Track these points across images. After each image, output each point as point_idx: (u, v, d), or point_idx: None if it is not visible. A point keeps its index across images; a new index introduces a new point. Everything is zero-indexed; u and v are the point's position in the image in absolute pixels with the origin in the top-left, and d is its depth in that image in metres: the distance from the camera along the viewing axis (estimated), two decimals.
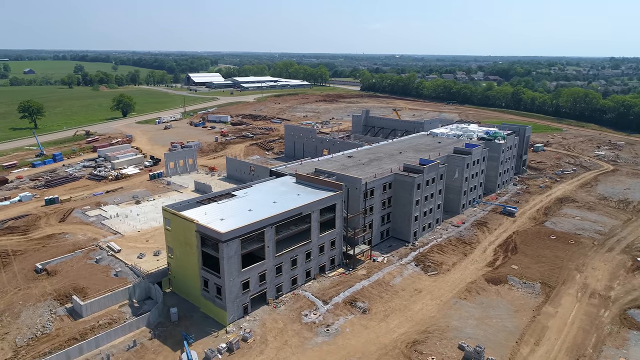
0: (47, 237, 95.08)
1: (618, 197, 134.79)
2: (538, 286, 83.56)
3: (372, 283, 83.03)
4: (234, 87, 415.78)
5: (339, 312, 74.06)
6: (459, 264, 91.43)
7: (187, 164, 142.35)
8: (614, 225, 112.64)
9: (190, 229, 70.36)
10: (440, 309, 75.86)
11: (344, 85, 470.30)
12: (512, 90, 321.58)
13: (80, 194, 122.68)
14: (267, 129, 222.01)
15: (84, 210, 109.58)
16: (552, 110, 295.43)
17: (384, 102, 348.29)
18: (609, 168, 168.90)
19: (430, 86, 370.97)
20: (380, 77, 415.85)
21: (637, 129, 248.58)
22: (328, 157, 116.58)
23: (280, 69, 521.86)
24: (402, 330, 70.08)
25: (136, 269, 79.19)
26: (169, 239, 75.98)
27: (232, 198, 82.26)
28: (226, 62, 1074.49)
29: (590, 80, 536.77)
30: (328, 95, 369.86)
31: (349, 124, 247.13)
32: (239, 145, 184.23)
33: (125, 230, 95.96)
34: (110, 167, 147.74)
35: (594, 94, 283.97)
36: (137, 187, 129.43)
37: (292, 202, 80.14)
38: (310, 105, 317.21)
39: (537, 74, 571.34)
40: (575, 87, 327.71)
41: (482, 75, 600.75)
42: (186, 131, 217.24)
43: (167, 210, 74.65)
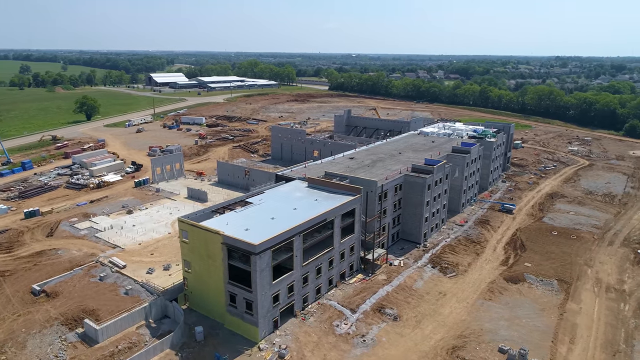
0: (37, 254, 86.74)
1: (602, 191, 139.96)
2: (555, 283, 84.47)
3: (395, 288, 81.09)
4: (201, 88, 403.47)
5: (370, 321, 71.57)
6: (474, 264, 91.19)
7: (174, 169, 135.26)
8: (607, 219, 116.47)
9: (214, 241, 65.64)
10: (469, 311, 74.95)
11: (312, 84, 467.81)
12: (479, 89, 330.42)
13: (62, 205, 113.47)
14: (245, 130, 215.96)
15: (72, 222, 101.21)
16: (518, 108, 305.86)
17: (355, 101, 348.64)
18: (585, 163, 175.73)
19: (400, 85, 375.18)
20: (348, 76, 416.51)
21: (599, 125, 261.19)
22: (330, 159, 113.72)
23: (245, 68, 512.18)
24: (438, 336, 68.51)
25: (148, 286, 73.34)
26: (185, 252, 70.74)
27: (248, 206, 77.86)
28: (182, 61, 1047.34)
29: (544, 78, 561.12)
30: (298, 95, 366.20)
31: (327, 123, 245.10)
32: (221, 148, 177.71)
33: (125, 244, 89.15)
34: (89, 175, 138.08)
35: (558, 91, 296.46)
36: (123, 196, 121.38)
37: (313, 208, 76.84)
38: (282, 106, 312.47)
39: (494, 72, 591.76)
40: (540, 85, 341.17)
41: (443, 74, 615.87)
42: (160, 134, 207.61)
43: (184, 222, 69.43)
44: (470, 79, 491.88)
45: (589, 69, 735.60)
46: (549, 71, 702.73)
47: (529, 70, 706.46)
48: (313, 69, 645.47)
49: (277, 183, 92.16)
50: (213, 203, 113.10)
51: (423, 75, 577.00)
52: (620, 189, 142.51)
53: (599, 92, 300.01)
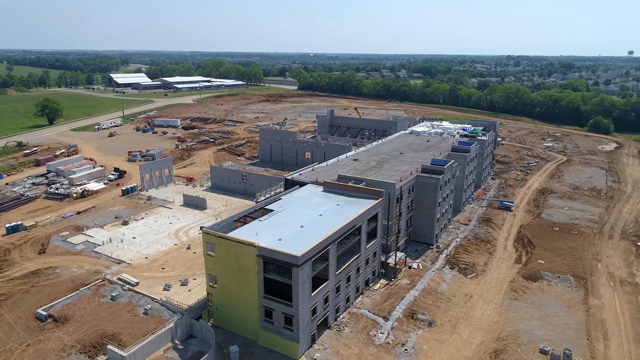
0: (32, 274, 78.86)
1: (587, 185, 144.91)
2: (572, 279, 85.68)
3: (421, 292, 79.56)
4: (166, 89, 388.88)
5: (405, 328, 69.59)
6: (490, 264, 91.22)
7: (163, 175, 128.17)
8: (600, 213, 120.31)
9: (247, 253, 61.48)
10: (500, 312, 74.47)
11: (280, 84, 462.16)
12: (449, 87, 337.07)
13: (45, 217, 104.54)
14: (224, 132, 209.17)
15: (64, 237, 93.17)
16: (487, 106, 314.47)
17: (327, 100, 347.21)
18: (563, 158, 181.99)
19: (370, 84, 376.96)
20: (318, 75, 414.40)
21: (565, 121, 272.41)
22: (334, 160, 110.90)
23: (209, 68, 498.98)
24: (477, 340, 67.43)
25: (169, 304, 68.02)
26: (211, 266, 66.02)
27: (271, 214, 73.89)
28: (135, 61, 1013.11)
29: (502, 76, 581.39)
30: (269, 95, 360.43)
31: (305, 124, 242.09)
32: (204, 152, 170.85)
33: (131, 258, 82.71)
34: (68, 184, 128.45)
35: (525, 89, 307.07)
36: (112, 205, 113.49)
37: (339, 213, 74.04)
38: (255, 106, 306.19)
39: (455, 71, 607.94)
40: (507, 84, 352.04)
41: (407, 73, 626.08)
42: (135, 138, 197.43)
43: (210, 234, 64.74)
44: (434, 78, 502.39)
45: (541, 67, 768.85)
46: (505, 70, 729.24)
47: (486, 69, 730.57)
48: (277, 69, 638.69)
49: (292, 188, 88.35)
50: (213, 210, 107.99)
51: (387, 74, 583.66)
52: (603, 183, 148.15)
53: (562, 89, 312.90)
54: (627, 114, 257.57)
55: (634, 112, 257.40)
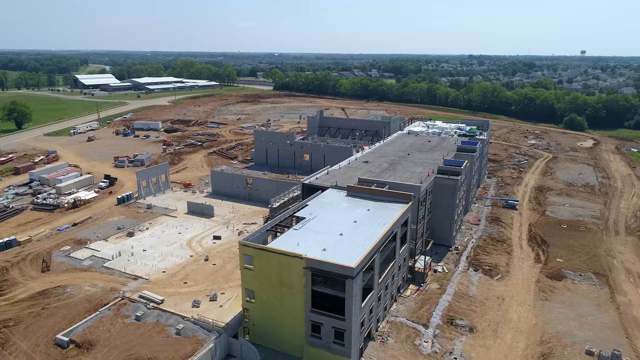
0: (40, 295, 72.13)
1: (579, 182, 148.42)
2: (593, 277, 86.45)
3: (453, 297, 78.10)
4: (138, 90, 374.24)
5: (448, 335, 67.83)
6: (512, 264, 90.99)
7: (160, 182, 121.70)
8: (600, 209, 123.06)
9: (292, 265, 57.94)
10: (535, 314, 73.93)
11: (254, 85, 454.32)
12: (426, 87, 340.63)
13: (39, 231, 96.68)
14: (210, 134, 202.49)
15: (66, 252, 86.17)
16: (464, 105, 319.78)
17: (306, 101, 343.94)
18: (550, 156, 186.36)
19: (347, 84, 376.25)
20: (294, 75, 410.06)
21: (540, 119, 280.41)
22: (345, 163, 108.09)
23: (180, 68, 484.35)
24: (521, 344, 66.45)
25: (202, 322, 63.44)
26: (249, 280, 62.02)
27: (303, 222, 70.39)
28: (94, 61, 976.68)
29: (469, 75, 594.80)
30: (246, 95, 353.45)
31: (290, 125, 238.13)
32: (195, 156, 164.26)
33: (148, 273, 77.12)
34: (56, 193, 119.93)
35: (501, 88, 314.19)
36: (110, 216, 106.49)
37: (373, 219, 71.51)
38: (234, 107, 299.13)
39: (425, 71, 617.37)
40: (484, 83, 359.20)
41: (378, 72, 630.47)
42: (116, 142, 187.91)
43: (249, 246, 60.73)
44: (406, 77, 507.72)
45: (505, 66, 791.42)
46: (471, 69, 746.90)
47: (452, 68, 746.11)
48: (248, 69, 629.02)
49: (315, 193, 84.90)
50: (221, 218, 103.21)
51: (359, 74, 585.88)
52: (594, 179, 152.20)
53: (535, 88, 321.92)
54: (598, 111, 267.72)
55: (605, 110, 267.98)
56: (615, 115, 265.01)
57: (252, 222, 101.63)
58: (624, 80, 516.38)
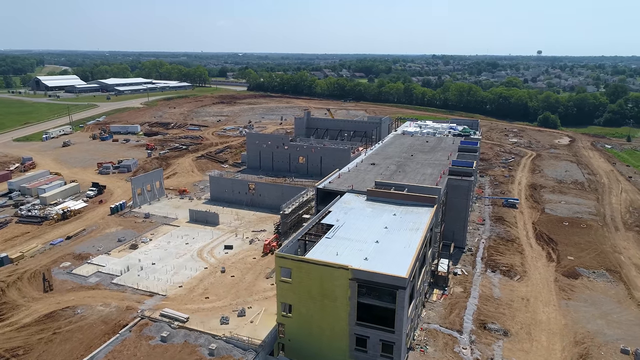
0: (48, 318, 66.01)
1: (568, 179, 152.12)
2: (607, 274, 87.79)
3: (479, 300, 77.27)
4: (106, 91, 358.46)
5: (485, 341, 66.72)
6: (527, 264, 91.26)
7: (155, 189, 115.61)
8: (595, 206, 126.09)
9: (336, 277, 55.06)
10: (563, 314, 74.00)
11: (227, 85, 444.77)
12: (403, 87, 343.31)
13: (31, 246, 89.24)
14: (193, 137, 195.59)
15: (67, 268, 79.72)
16: (441, 104, 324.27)
17: (283, 101, 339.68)
18: (533, 154, 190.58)
19: (324, 84, 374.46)
20: (269, 76, 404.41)
21: (515, 117, 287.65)
22: (352, 165, 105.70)
23: (148, 69, 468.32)
24: (557, 346, 66.13)
25: (236, 340, 59.57)
26: (286, 294, 58.69)
27: (333, 230, 67.50)
28: (50, 61, 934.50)
29: (438, 75, 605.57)
30: (222, 96, 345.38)
31: (272, 126, 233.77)
32: (183, 160, 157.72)
33: (163, 289, 72.14)
34: (41, 204, 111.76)
35: (476, 87, 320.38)
36: (106, 227, 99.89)
37: (402, 224, 69.57)
38: (211, 109, 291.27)
39: (395, 71, 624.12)
40: (459, 82, 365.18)
41: (348, 72, 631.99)
42: (95, 147, 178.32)
43: (286, 258, 57.42)
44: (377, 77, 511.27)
45: (469, 66, 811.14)
46: (437, 69, 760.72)
47: (420, 68, 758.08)
48: (217, 69, 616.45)
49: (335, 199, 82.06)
50: (227, 226, 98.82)
51: (330, 74, 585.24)
52: (580, 176, 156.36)
53: (509, 87, 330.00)
54: (570, 109, 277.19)
55: (576, 107, 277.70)
56: (586, 113, 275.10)
57: (261, 229, 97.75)
58: (584, 79, 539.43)
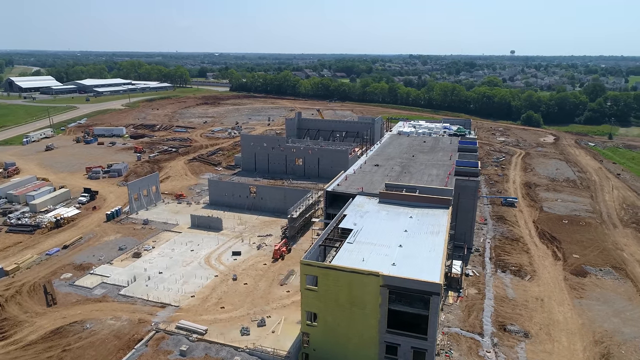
0: (54, 334, 62.30)
1: (560, 177, 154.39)
2: (613, 271, 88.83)
3: (495, 301, 76.95)
4: (84, 93, 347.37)
5: (507, 343, 66.29)
6: (535, 263, 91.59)
7: (151, 194, 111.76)
8: (590, 203, 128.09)
9: (366, 284, 53.55)
10: (578, 313, 74.30)
11: (209, 86, 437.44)
12: (388, 87, 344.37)
13: (26, 257, 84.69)
14: (181, 139, 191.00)
15: (69, 280, 75.78)
16: (426, 103, 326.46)
17: (268, 102, 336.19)
18: (522, 152, 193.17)
19: (308, 84, 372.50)
20: (252, 76, 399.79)
21: (498, 116, 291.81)
22: (357, 166, 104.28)
23: (127, 69, 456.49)
24: (578, 346, 66.21)
25: (260, 352, 57.38)
26: (311, 302, 56.84)
27: (353, 234, 65.95)
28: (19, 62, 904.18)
29: (418, 75, 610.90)
30: (205, 97, 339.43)
31: (261, 127, 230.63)
32: (175, 163, 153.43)
33: (175, 299, 69.18)
34: (31, 211, 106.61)
35: (460, 87, 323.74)
36: (104, 235, 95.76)
37: (423, 226, 68.61)
38: (195, 110, 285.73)
39: (376, 71, 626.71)
40: (443, 82, 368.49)
41: (330, 72, 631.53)
42: (80, 151, 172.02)
43: (312, 265, 55.57)
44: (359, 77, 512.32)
45: (447, 65, 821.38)
46: (416, 68, 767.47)
47: (399, 68, 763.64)
48: (196, 69, 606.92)
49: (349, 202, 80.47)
50: (231, 231, 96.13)
51: (312, 74, 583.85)
52: (571, 173, 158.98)
53: (492, 87, 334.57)
54: (551, 107, 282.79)
55: (557, 106, 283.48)
56: (567, 111, 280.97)
57: (267, 233, 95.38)
58: (560, 78, 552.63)
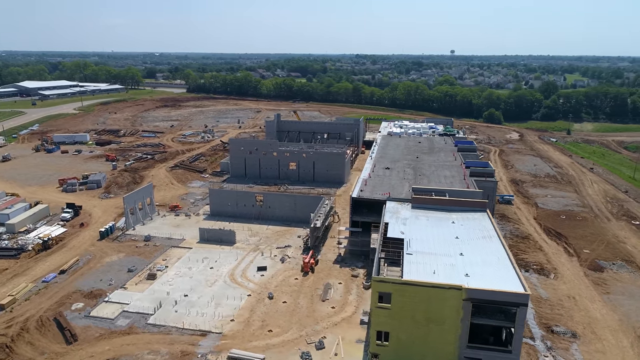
0: None
1: (540, 173, 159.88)
2: (624, 264, 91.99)
3: (532, 302, 76.62)
4: (27, 96, 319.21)
5: (560, 345, 65.98)
6: (553, 261, 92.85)
7: (146, 206, 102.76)
8: (577, 198, 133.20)
9: (447, 298, 50.76)
10: (613, 310, 75.60)
11: (164, 87, 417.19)
12: (352, 87, 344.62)
13: (20, 287, 74.23)
14: (153, 145, 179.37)
15: (83, 311, 66.90)
16: (390, 103, 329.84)
17: (231, 103, 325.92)
18: (497, 149, 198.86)
19: (270, 85, 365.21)
20: (210, 77, 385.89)
21: (460, 114, 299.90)
22: (368, 170, 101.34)
23: (71, 70, 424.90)
24: (625, 343, 67.15)
25: None
26: (383, 321, 53.24)
27: (408, 244, 62.88)
28: None
29: (372, 74, 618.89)
30: (164, 99, 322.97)
31: (233, 130, 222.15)
32: (156, 171, 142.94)
33: (216, 325, 62.72)
34: (8, 232, 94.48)
35: (423, 86, 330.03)
36: (104, 256, 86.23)
37: (470, 231, 66.97)
38: (156, 113, 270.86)
39: (331, 70, 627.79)
40: (407, 81, 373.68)
41: (284, 72, 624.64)
42: (43, 160, 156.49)
43: (387, 282, 51.94)
44: (315, 77, 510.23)
45: (396, 65, 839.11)
46: (367, 68, 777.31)
47: (351, 67, 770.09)
48: (144, 70, 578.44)
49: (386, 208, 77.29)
50: (247, 244, 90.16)
51: (267, 74, 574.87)
52: (549, 169, 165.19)
53: (452, 86, 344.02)
54: (510, 105, 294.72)
55: (515, 104, 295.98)
56: (524, 109, 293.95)
57: (285, 245, 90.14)
58: (504, 77, 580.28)
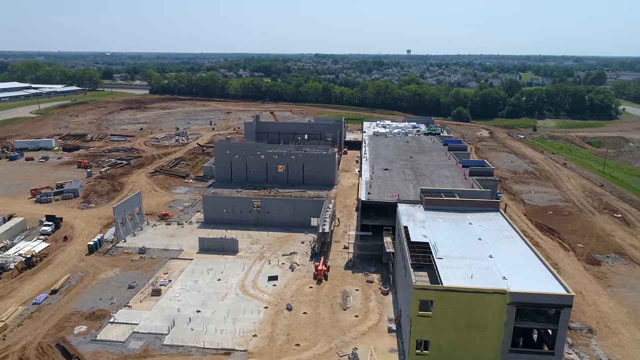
0: None
1: (518, 169, 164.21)
2: (618, 257, 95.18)
3: None
4: None
5: (579, 342, 66.84)
6: (552, 256, 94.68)
7: (135, 216, 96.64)
8: (558, 192, 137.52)
9: (489, 303, 49.91)
10: (618, 302, 77.77)
11: (124, 88, 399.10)
12: (321, 86, 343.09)
13: (10, 311, 67.29)
14: (126, 149, 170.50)
15: (88, 335, 61.25)
16: (360, 102, 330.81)
17: (198, 104, 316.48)
18: (472, 147, 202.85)
19: (237, 85, 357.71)
20: (174, 77, 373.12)
21: (429, 113, 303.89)
22: (368, 172, 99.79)
23: (21, 71, 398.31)
24: (639, 336, 68.91)
25: None
26: (423, 329, 51.72)
27: (435, 248, 61.65)
28: None
29: (335, 74, 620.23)
30: (127, 101, 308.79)
31: (207, 132, 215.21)
32: (135, 177, 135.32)
33: (238, 342, 58.98)
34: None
35: (393, 86, 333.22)
36: (97, 272, 79.90)
37: (492, 233, 66.94)
38: (122, 116, 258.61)
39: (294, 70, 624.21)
40: (376, 81, 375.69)
41: (247, 72, 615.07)
42: (7, 169, 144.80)
43: (428, 289, 50.36)
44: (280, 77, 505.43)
45: (358, 64, 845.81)
46: (328, 68, 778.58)
47: (312, 67, 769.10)
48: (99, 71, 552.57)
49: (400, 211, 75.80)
50: (250, 252, 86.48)
51: (230, 74, 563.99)
52: (525, 165, 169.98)
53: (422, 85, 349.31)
54: (476, 103, 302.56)
55: (481, 102, 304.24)
56: (489, 106, 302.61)
57: (290, 252, 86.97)
58: (464, 76, 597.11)
